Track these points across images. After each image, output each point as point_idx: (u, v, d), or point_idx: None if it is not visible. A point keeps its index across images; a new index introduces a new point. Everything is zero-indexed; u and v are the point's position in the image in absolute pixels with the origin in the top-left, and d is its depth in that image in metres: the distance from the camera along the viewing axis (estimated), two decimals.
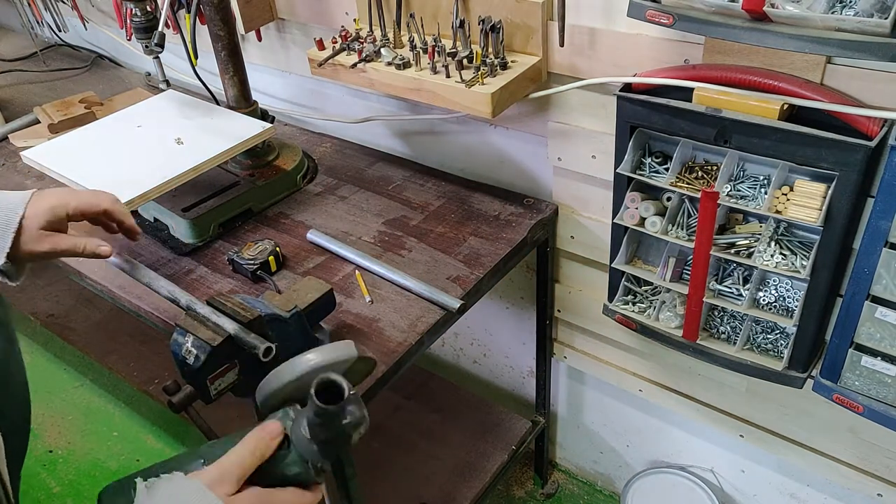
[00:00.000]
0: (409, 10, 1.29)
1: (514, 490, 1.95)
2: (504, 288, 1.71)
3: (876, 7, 0.81)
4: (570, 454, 1.96)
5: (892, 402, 1.07)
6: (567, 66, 1.20)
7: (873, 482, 1.29)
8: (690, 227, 1.14)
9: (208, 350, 0.96)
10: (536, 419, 1.76)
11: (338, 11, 1.44)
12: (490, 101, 1.13)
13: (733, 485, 1.64)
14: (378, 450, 1.72)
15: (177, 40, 1.49)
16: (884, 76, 0.92)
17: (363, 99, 1.62)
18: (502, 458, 1.67)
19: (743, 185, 1.08)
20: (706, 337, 1.23)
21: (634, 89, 1.11)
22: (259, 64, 1.73)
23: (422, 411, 1.81)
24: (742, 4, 0.86)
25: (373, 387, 1.08)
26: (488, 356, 1.93)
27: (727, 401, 1.42)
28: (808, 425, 1.32)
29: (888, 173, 0.92)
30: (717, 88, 1.02)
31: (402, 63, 1.23)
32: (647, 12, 0.94)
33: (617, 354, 1.54)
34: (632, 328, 1.30)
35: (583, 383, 1.74)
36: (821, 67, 0.96)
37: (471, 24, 1.22)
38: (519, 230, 1.34)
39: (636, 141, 1.14)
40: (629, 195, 1.18)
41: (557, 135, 1.31)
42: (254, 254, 1.29)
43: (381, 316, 1.19)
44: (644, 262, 1.30)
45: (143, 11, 1.31)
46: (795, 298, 1.12)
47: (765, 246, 1.07)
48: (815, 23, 0.83)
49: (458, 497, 1.60)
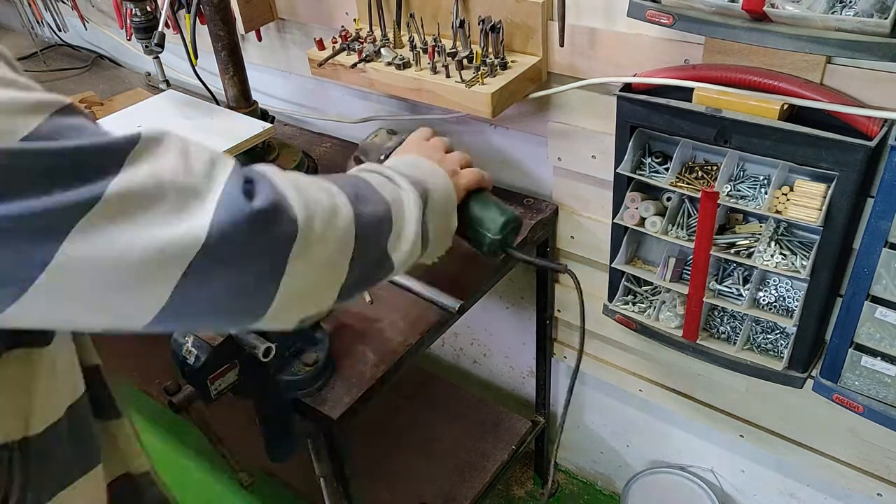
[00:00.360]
0: (409, 10, 1.29)
1: (514, 490, 1.95)
2: (504, 288, 1.71)
3: (876, 7, 0.81)
4: (570, 454, 1.96)
5: (891, 402, 1.07)
6: (567, 66, 1.20)
7: (873, 482, 1.29)
8: (690, 227, 1.14)
9: (208, 350, 0.97)
10: (536, 419, 1.76)
11: (338, 11, 1.44)
12: (490, 101, 1.13)
13: (733, 485, 1.64)
14: (378, 450, 1.72)
15: (177, 40, 1.49)
16: (884, 76, 0.92)
17: (363, 99, 1.62)
18: (502, 458, 1.67)
19: (743, 185, 1.08)
20: (706, 337, 1.23)
21: (634, 89, 1.11)
22: (259, 64, 1.73)
23: (422, 411, 1.81)
24: (742, 4, 0.86)
25: (373, 387, 1.08)
26: (488, 356, 1.93)
27: (727, 401, 1.42)
28: (808, 425, 1.32)
29: (888, 173, 0.92)
30: (717, 88, 1.02)
31: (402, 63, 1.23)
32: (647, 12, 0.94)
33: (617, 354, 1.54)
34: (632, 328, 1.30)
35: (583, 383, 1.74)
36: (821, 67, 0.96)
37: (471, 24, 1.22)
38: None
39: (636, 141, 1.14)
40: (629, 195, 1.18)
41: (557, 135, 1.31)
42: None
43: (381, 316, 1.19)
44: (644, 262, 1.30)
45: (143, 11, 1.31)
46: (795, 298, 1.12)
47: (765, 246, 1.07)
48: (814, 23, 0.83)
49: (458, 497, 1.60)
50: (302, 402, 1.06)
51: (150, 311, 0.56)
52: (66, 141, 0.50)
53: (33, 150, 0.49)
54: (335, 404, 1.05)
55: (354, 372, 1.09)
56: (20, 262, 0.50)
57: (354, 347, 1.14)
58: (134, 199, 0.53)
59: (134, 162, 0.53)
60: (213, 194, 0.57)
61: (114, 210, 0.52)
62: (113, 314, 0.56)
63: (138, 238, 0.53)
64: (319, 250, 0.65)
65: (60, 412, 0.71)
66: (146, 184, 0.53)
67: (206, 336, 0.98)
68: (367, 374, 1.09)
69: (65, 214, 0.50)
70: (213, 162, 0.59)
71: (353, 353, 1.13)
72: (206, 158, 0.58)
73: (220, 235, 0.56)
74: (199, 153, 0.58)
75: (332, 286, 0.70)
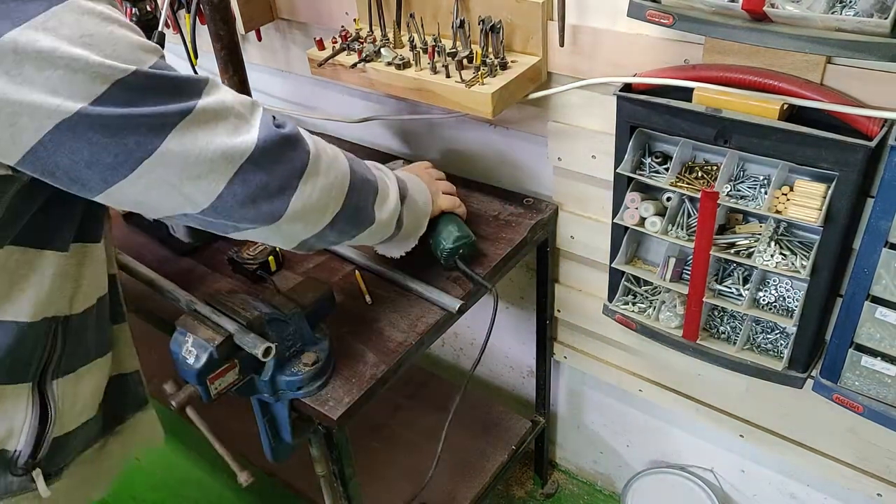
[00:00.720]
0: (409, 10, 1.29)
1: (514, 490, 1.95)
2: (504, 288, 1.71)
3: (876, 7, 0.81)
4: (570, 454, 1.96)
5: (892, 402, 1.07)
6: (567, 66, 1.20)
7: (873, 482, 1.29)
8: (690, 227, 1.14)
9: (208, 350, 0.97)
10: (536, 419, 1.76)
11: (338, 11, 1.44)
12: (490, 101, 1.13)
13: (733, 485, 1.64)
14: (378, 450, 1.72)
15: (177, 40, 1.49)
16: (884, 76, 0.92)
17: (363, 99, 1.62)
18: (502, 457, 1.67)
19: (743, 185, 1.08)
20: (706, 337, 1.23)
21: (634, 89, 1.11)
22: (259, 64, 1.73)
23: (422, 411, 1.81)
24: (742, 4, 0.86)
25: (373, 387, 1.08)
26: (488, 356, 1.93)
27: (727, 401, 1.42)
28: (808, 425, 1.32)
29: (888, 173, 0.92)
30: (717, 88, 1.02)
31: (402, 63, 1.23)
32: (647, 12, 0.94)
33: (617, 354, 1.54)
34: (632, 328, 1.30)
35: (583, 383, 1.74)
36: (821, 67, 0.96)
37: (471, 24, 1.22)
38: (519, 230, 1.34)
39: (636, 141, 1.14)
40: (629, 195, 1.18)
41: (557, 135, 1.31)
42: (253, 253, 1.29)
43: (381, 316, 1.19)
44: (644, 262, 1.30)
45: (143, 11, 1.31)
46: (795, 298, 1.12)
47: (765, 246, 1.07)
48: (815, 23, 0.83)
49: (458, 497, 1.60)
50: (302, 402, 1.06)
51: (209, 198, 0.80)
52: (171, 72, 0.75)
53: (157, 74, 0.73)
54: (335, 404, 1.05)
55: (354, 372, 1.09)
56: (138, 147, 0.73)
57: (354, 347, 1.14)
58: (212, 114, 0.77)
59: (209, 92, 0.78)
60: (256, 120, 0.83)
61: (199, 119, 0.76)
62: (185, 197, 0.79)
63: (211, 142, 0.77)
64: (323, 179, 0.90)
65: (93, 300, 0.95)
66: (218, 106, 0.78)
67: (206, 336, 0.98)
68: (367, 374, 1.09)
69: (170, 118, 0.74)
70: (252, 102, 0.84)
71: (353, 353, 1.13)
72: (247, 100, 0.84)
73: (262, 146, 0.81)
74: (243, 97, 0.84)
75: (328, 212, 0.92)
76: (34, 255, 0.85)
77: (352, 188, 0.95)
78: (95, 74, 0.69)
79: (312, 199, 0.88)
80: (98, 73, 0.69)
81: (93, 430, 1.04)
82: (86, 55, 0.68)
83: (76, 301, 0.92)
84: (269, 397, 1.07)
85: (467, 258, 1.23)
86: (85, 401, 0.98)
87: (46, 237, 0.85)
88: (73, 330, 0.92)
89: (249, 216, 0.83)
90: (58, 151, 0.70)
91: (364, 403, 1.07)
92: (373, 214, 1.00)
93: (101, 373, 1.01)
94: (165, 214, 0.82)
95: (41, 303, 0.87)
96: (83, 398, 0.98)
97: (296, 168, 0.86)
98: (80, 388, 0.97)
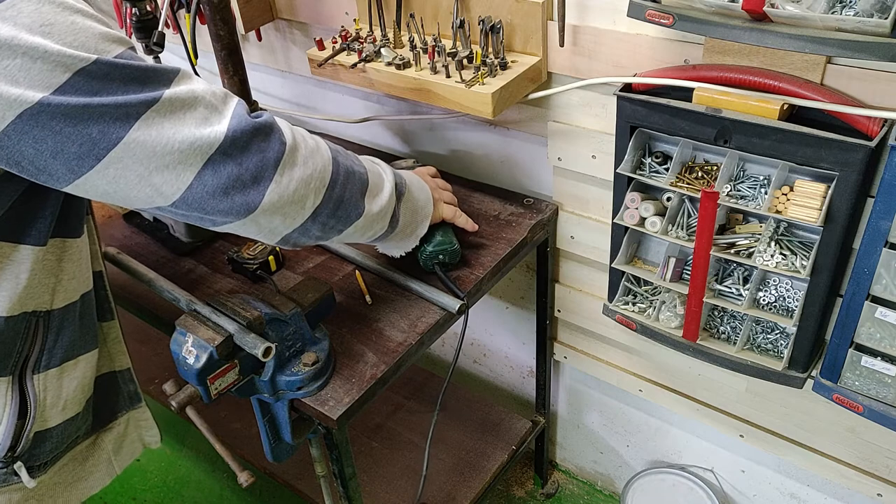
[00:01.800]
0: (409, 10, 1.29)
1: (514, 490, 1.95)
2: (504, 288, 1.71)
3: (876, 7, 0.81)
4: (570, 454, 1.96)
5: (891, 402, 1.07)
6: (567, 66, 1.20)
7: (873, 482, 1.29)
8: (690, 227, 1.14)
9: (208, 350, 0.97)
10: (536, 419, 1.76)
11: (338, 11, 1.44)
12: (490, 101, 1.13)
13: (733, 485, 1.64)
14: (378, 450, 1.72)
15: (177, 40, 1.49)
16: (884, 76, 0.92)
17: (363, 99, 1.62)
18: (502, 457, 1.67)
19: (743, 185, 1.08)
20: (706, 337, 1.23)
21: (634, 89, 1.11)
22: (259, 64, 1.73)
23: (422, 411, 1.81)
24: (742, 4, 0.86)
25: (373, 387, 1.08)
26: (488, 356, 1.93)
27: (727, 401, 1.42)
28: (808, 425, 1.32)
29: (888, 173, 0.92)
30: (717, 88, 1.02)
31: (402, 63, 1.23)
32: (647, 12, 0.94)
33: (617, 354, 1.54)
34: (632, 328, 1.30)
35: (583, 383, 1.74)
36: (821, 67, 0.96)
37: (471, 25, 1.22)
38: (519, 230, 1.34)
39: (636, 141, 1.14)
40: (629, 195, 1.18)
41: (557, 135, 1.31)
42: (253, 253, 1.29)
43: (381, 316, 1.19)
44: (644, 262, 1.30)
45: (143, 11, 1.31)
46: (795, 298, 1.12)
47: (765, 246, 1.07)
48: (815, 23, 0.83)
49: (458, 497, 1.60)
50: (302, 402, 1.06)
51: (179, 189, 0.79)
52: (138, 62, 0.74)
53: (121, 64, 0.73)
54: (335, 404, 1.05)
55: (354, 372, 1.10)
56: (102, 137, 0.72)
57: (354, 347, 1.14)
58: (179, 103, 0.77)
59: (179, 82, 0.78)
60: (228, 111, 0.82)
61: (165, 109, 0.75)
62: (154, 189, 0.78)
63: (178, 132, 0.76)
64: (301, 171, 0.88)
65: (76, 296, 0.95)
66: (186, 96, 0.78)
67: (206, 336, 0.98)
68: (367, 374, 1.09)
69: (135, 108, 0.73)
70: (226, 94, 0.84)
71: (353, 353, 1.13)
72: (221, 91, 0.83)
73: (233, 137, 0.80)
74: (217, 87, 0.84)
75: (307, 204, 0.91)
76: (10, 248, 0.85)
77: (334, 180, 0.93)
78: (55, 63, 0.68)
79: (289, 191, 0.87)
80: (58, 62, 0.68)
81: (81, 426, 1.04)
82: (44, 44, 0.68)
83: (57, 296, 0.92)
84: (269, 397, 1.07)
85: (447, 265, 1.23)
86: (69, 396, 0.98)
87: (22, 231, 0.85)
88: (54, 325, 0.93)
89: (223, 208, 0.82)
90: (22, 141, 0.70)
91: (364, 403, 1.07)
92: (361, 207, 0.98)
93: (88, 369, 1.01)
94: (138, 206, 0.81)
95: (19, 297, 0.87)
96: (67, 393, 0.98)
97: (269, 159, 0.84)
98: (64, 383, 0.97)
